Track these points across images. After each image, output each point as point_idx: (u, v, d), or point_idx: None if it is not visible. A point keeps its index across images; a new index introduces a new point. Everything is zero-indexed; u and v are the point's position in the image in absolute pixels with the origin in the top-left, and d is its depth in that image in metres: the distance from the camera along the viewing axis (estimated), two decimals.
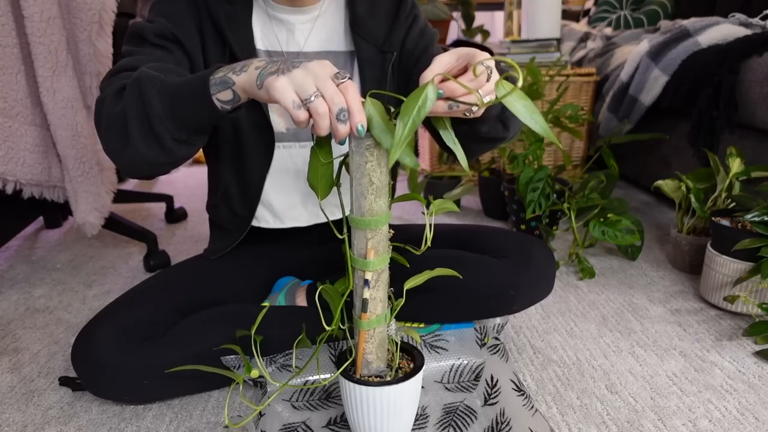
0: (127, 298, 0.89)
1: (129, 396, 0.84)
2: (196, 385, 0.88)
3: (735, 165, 1.21)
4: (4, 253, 1.55)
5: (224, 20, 0.85)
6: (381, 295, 0.68)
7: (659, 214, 1.71)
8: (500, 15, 3.74)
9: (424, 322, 0.97)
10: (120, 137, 0.70)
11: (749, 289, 1.06)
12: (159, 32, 0.81)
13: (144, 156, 0.70)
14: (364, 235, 0.65)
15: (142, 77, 0.68)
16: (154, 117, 0.67)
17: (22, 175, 1.19)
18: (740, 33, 1.51)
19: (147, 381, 0.82)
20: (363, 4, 0.93)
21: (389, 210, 0.66)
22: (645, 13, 2.37)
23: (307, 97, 0.57)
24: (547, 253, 0.96)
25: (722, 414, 0.82)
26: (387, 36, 0.93)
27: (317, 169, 0.67)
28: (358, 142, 0.61)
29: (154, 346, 0.82)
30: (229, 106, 0.66)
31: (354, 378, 0.69)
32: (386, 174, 0.64)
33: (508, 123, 0.80)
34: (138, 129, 0.68)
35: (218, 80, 0.65)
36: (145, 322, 0.84)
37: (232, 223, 0.99)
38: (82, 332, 0.83)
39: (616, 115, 1.79)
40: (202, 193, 2.13)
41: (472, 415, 0.81)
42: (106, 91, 0.73)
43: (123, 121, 0.69)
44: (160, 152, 0.70)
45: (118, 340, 0.81)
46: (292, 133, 0.93)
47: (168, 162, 0.73)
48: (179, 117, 0.67)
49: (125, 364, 0.80)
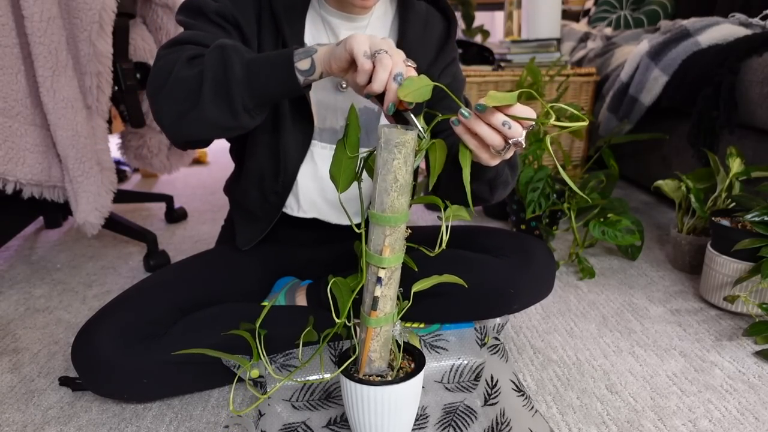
0: (128, 295, 0.89)
1: (129, 393, 0.84)
2: (196, 382, 0.88)
3: (735, 165, 1.21)
4: (4, 253, 1.55)
5: (283, 12, 0.86)
6: (392, 293, 0.68)
7: (659, 214, 1.71)
8: (500, 15, 3.75)
9: (425, 322, 0.97)
10: (188, 98, 0.74)
11: (749, 289, 1.06)
12: (220, 12, 0.83)
13: (210, 118, 0.74)
14: (383, 232, 0.65)
15: (227, 45, 0.73)
16: (233, 80, 0.71)
17: (22, 175, 1.19)
18: (740, 33, 1.51)
19: (147, 379, 0.82)
20: (416, 29, 0.93)
21: (409, 209, 0.66)
22: (645, 13, 2.37)
23: (377, 50, 0.65)
24: (547, 253, 0.96)
25: (722, 414, 0.82)
26: (429, 67, 0.95)
27: (341, 162, 0.68)
28: (388, 139, 0.62)
29: (154, 344, 0.82)
30: (304, 77, 0.72)
31: (355, 377, 0.70)
32: (411, 173, 0.64)
33: (495, 189, 0.86)
34: (213, 91, 0.72)
35: (302, 51, 0.72)
36: (145, 319, 0.84)
37: (262, 210, 0.98)
38: (83, 329, 0.83)
39: (616, 115, 1.79)
40: (202, 194, 2.13)
41: (472, 415, 0.82)
42: (172, 57, 0.76)
43: (197, 84, 0.73)
44: (228, 116, 0.74)
45: (118, 338, 0.81)
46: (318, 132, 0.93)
47: (230, 127, 0.77)
48: (256, 85, 0.73)
49: (125, 362, 0.80)
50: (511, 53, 1.95)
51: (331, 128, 0.94)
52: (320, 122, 0.92)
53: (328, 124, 0.93)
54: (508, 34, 2.46)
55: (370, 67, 0.65)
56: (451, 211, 0.69)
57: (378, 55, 0.65)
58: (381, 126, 0.64)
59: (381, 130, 0.63)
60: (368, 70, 0.65)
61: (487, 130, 0.65)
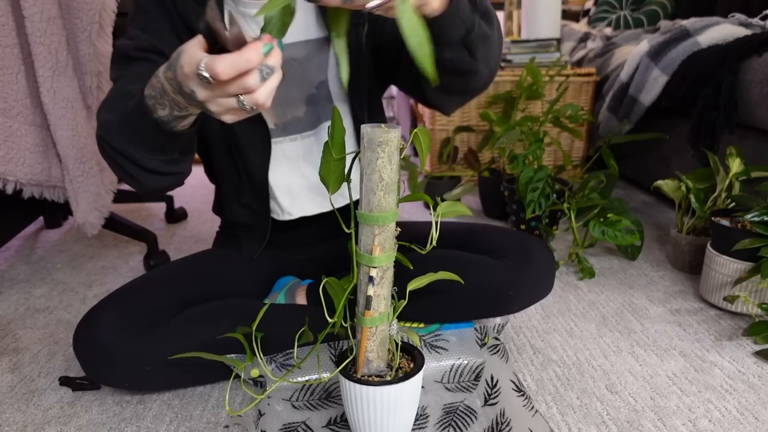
0: (131, 285, 0.90)
1: (131, 383, 0.85)
2: (197, 374, 0.88)
3: (735, 165, 1.21)
4: (4, 253, 1.55)
5: (197, 23, 0.84)
6: (385, 292, 0.68)
7: (659, 214, 1.71)
8: (500, 15, 3.74)
9: (424, 322, 0.97)
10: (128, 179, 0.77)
11: (749, 289, 1.06)
12: (140, 46, 0.82)
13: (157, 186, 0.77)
14: (372, 231, 0.65)
15: (105, 136, 0.73)
16: (139, 160, 0.72)
17: (22, 175, 1.19)
18: (740, 33, 1.51)
19: (149, 367, 0.82)
20: None
21: (397, 207, 0.66)
22: (645, 13, 2.37)
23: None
24: (547, 252, 0.96)
25: (722, 414, 0.82)
26: None
27: (329, 163, 0.67)
28: (371, 138, 0.62)
29: (156, 333, 0.82)
30: (171, 122, 0.67)
31: (354, 377, 0.70)
32: (396, 171, 0.64)
33: (474, 50, 0.74)
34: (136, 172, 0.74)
35: (150, 103, 0.66)
36: (147, 309, 0.85)
37: (252, 220, 0.99)
38: (85, 318, 0.83)
39: (616, 115, 1.79)
40: (202, 194, 2.13)
41: (472, 415, 0.82)
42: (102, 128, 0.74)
43: (121, 171, 0.75)
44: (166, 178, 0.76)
45: (120, 326, 0.81)
46: (281, 128, 0.93)
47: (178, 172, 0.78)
48: (157, 147, 0.71)
49: (127, 349, 0.80)
50: (511, 53, 1.95)
51: (295, 118, 0.92)
52: (280, 117, 0.91)
53: (290, 114, 0.92)
54: (508, 34, 2.46)
55: None
56: (441, 209, 0.69)
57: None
58: (363, 126, 0.63)
59: (363, 130, 0.63)
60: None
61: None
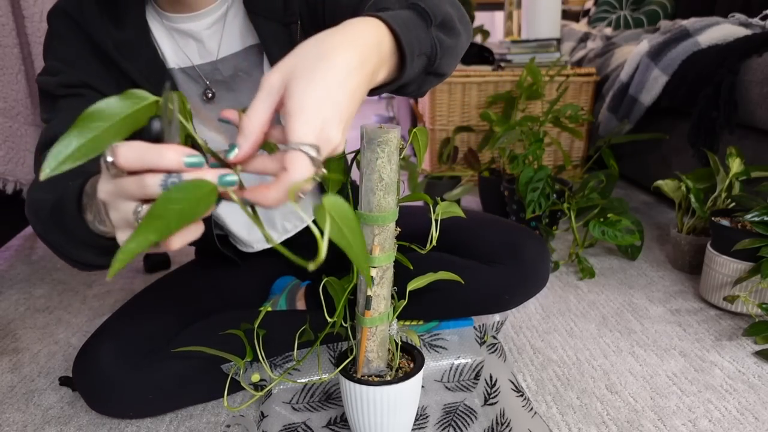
0: (126, 312, 0.88)
1: (135, 411, 0.83)
2: (201, 393, 0.87)
3: (735, 165, 1.21)
4: (4, 253, 1.55)
5: (114, 51, 0.77)
6: (385, 292, 0.68)
7: (659, 214, 1.71)
8: (500, 15, 3.75)
9: (423, 319, 0.97)
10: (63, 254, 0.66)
11: (749, 289, 1.06)
12: (64, 83, 0.75)
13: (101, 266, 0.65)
14: (371, 231, 0.65)
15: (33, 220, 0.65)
16: (70, 252, 0.63)
17: (22, 175, 1.19)
18: (740, 33, 1.51)
19: (153, 394, 0.81)
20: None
21: (396, 207, 0.66)
22: (645, 13, 2.37)
23: None
24: (539, 245, 0.93)
25: (722, 414, 0.82)
26: (285, 2, 0.78)
27: (328, 163, 0.67)
28: (371, 138, 0.62)
29: (157, 360, 0.82)
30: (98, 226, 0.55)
31: (354, 377, 0.70)
32: (396, 171, 0.64)
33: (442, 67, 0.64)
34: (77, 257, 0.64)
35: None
36: (146, 334, 0.84)
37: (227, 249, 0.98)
38: (83, 350, 0.82)
39: (616, 115, 1.79)
40: None
41: (472, 415, 0.82)
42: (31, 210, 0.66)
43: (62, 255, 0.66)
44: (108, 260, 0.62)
45: (120, 357, 0.80)
46: None
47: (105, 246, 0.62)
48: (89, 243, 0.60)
49: (129, 379, 0.79)
50: (511, 53, 1.95)
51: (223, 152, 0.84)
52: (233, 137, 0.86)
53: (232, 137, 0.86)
54: (508, 34, 2.46)
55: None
56: (440, 209, 0.69)
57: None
58: (363, 126, 0.63)
59: (363, 129, 0.63)
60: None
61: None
